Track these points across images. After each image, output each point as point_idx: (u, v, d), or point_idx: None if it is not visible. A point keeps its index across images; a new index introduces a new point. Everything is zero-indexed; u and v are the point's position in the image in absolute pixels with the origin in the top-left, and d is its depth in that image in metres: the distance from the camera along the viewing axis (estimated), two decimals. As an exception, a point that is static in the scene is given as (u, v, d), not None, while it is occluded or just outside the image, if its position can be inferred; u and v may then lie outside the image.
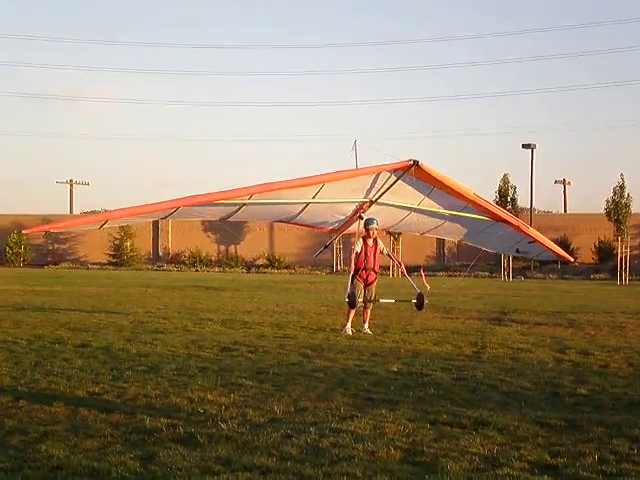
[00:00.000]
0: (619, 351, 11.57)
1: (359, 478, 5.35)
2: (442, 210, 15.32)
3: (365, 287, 13.96)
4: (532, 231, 16.48)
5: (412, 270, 24.80)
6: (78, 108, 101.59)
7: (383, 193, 14.37)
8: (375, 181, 14.11)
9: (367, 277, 13.96)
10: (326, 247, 18.81)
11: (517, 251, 17.51)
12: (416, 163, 13.47)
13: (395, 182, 14.03)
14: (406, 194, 14.53)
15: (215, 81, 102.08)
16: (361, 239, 14.07)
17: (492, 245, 17.57)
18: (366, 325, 13.86)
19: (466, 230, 16.91)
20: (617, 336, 13.69)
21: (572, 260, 19.23)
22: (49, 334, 12.83)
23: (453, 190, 14.46)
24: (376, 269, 14.13)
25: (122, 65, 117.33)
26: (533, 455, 5.92)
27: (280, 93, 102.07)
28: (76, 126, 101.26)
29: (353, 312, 13.71)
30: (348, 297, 13.62)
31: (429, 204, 15.10)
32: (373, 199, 14.52)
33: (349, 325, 13.61)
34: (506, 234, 15.80)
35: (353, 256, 14.01)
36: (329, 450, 5.97)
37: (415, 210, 15.34)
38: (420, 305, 14.32)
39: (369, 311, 14.08)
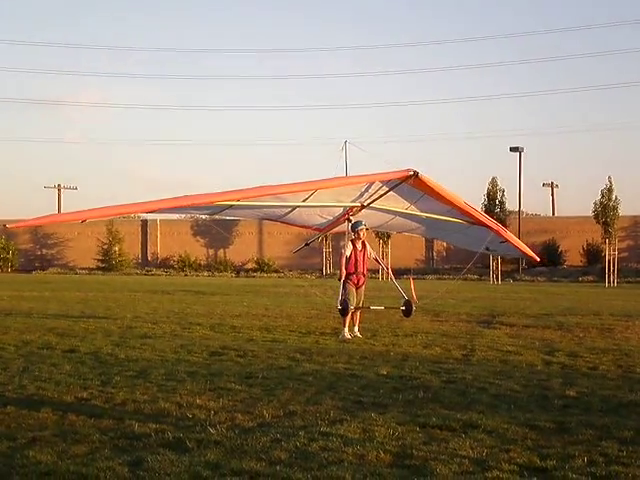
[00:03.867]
0: (607, 353, 11.60)
1: (349, 482, 5.34)
2: (425, 214, 15.23)
3: (356, 291, 13.95)
4: (509, 235, 16.55)
5: (400, 273, 24.85)
6: (66, 112, 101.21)
7: (376, 199, 14.31)
8: (370, 187, 14.03)
9: (358, 281, 13.95)
10: (307, 244, 18.60)
11: (486, 249, 17.40)
12: (416, 174, 13.32)
13: (390, 190, 13.97)
14: (396, 199, 14.50)
15: (205, 85, 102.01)
16: (350, 243, 14.04)
17: (463, 242, 17.64)
18: (356, 328, 13.86)
19: (443, 230, 16.95)
20: (605, 338, 13.73)
21: (538, 260, 19.13)
22: (37, 339, 12.77)
23: (444, 198, 14.37)
24: (365, 272, 14.15)
25: (109, 69, 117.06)
26: (522, 458, 5.93)
27: (270, 97, 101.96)
28: (64, 131, 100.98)
29: (349, 316, 13.69)
30: (341, 304, 13.55)
31: (415, 208, 15.09)
32: (365, 203, 14.47)
33: (346, 329, 13.58)
34: (481, 234, 15.77)
35: (343, 260, 13.96)
36: (318, 454, 5.96)
37: (401, 214, 15.34)
38: (408, 312, 14.34)
39: (359, 314, 14.08)
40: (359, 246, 13.97)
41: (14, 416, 7.19)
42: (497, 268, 43.58)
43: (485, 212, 47.99)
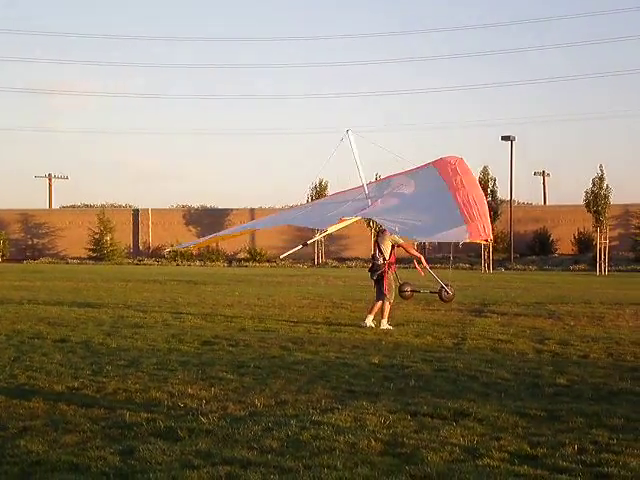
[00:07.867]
0: (598, 341, 11.64)
1: (340, 470, 5.35)
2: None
3: None
4: None
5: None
6: (56, 101, 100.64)
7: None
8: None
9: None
10: (305, 245, 16.90)
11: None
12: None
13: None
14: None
15: (198, 74, 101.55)
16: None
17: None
18: (371, 317, 13.69)
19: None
20: (596, 326, 13.78)
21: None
22: (28, 329, 12.75)
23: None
24: None
25: (100, 58, 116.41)
26: (513, 445, 5.95)
27: (266, 86, 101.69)
28: (54, 120, 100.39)
29: (389, 306, 13.65)
30: (446, 292, 14.54)
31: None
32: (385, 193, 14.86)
33: (386, 319, 13.52)
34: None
35: (411, 249, 14.48)
36: (310, 442, 5.97)
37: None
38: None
39: (378, 304, 13.88)
40: None
41: (5, 405, 7.18)
42: (489, 257, 43.68)
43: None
